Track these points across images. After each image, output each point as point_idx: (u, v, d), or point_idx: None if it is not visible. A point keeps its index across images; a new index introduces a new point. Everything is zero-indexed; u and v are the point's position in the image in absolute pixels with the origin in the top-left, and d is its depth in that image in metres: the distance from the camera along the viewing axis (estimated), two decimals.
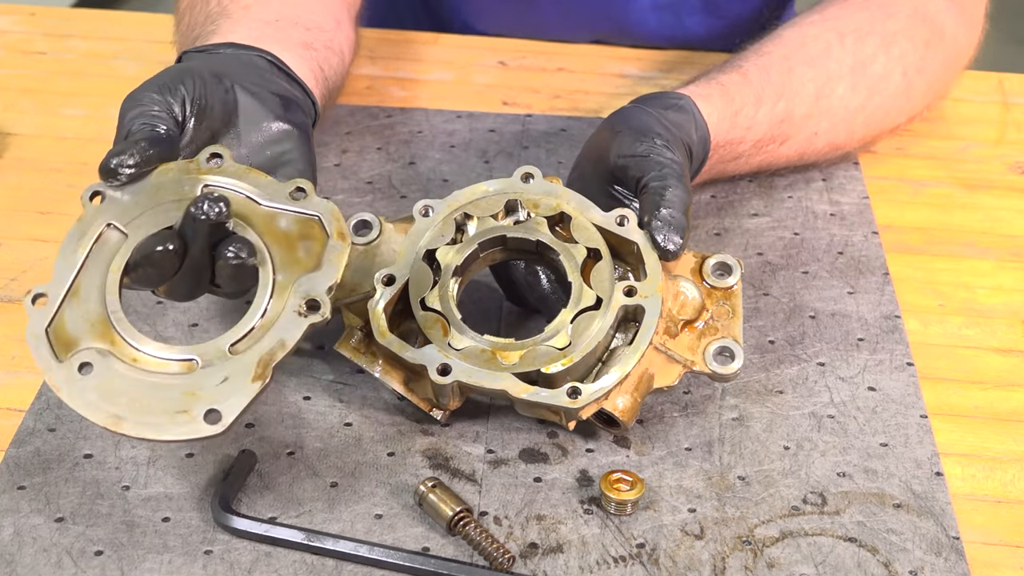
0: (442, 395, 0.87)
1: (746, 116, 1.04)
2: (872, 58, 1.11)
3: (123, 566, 0.81)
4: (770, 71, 1.07)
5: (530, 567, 0.82)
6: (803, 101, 1.08)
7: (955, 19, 1.16)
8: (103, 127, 1.21)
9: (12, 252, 1.05)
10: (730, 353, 0.88)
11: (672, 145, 0.93)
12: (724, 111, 1.02)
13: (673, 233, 0.88)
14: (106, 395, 0.78)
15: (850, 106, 1.11)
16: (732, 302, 0.90)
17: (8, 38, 1.34)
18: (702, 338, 0.89)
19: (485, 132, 1.21)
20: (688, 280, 0.90)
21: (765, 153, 1.09)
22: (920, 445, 0.90)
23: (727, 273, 0.90)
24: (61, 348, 0.80)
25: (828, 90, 1.09)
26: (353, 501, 0.86)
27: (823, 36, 1.11)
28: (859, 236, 1.09)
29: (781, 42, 1.10)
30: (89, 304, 0.81)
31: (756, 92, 1.05)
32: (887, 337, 0.99)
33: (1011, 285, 1.06)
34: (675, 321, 0.89)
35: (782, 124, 1.07)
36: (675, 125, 0.97)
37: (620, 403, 0.87)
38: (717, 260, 0.90)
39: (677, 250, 0.87)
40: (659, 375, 0.88)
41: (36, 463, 0.87)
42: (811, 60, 1.09)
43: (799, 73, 1.08)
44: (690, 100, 1.00)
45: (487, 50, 1.34)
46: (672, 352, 0.88)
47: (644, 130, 0.93)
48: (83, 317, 0.81)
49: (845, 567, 0.82)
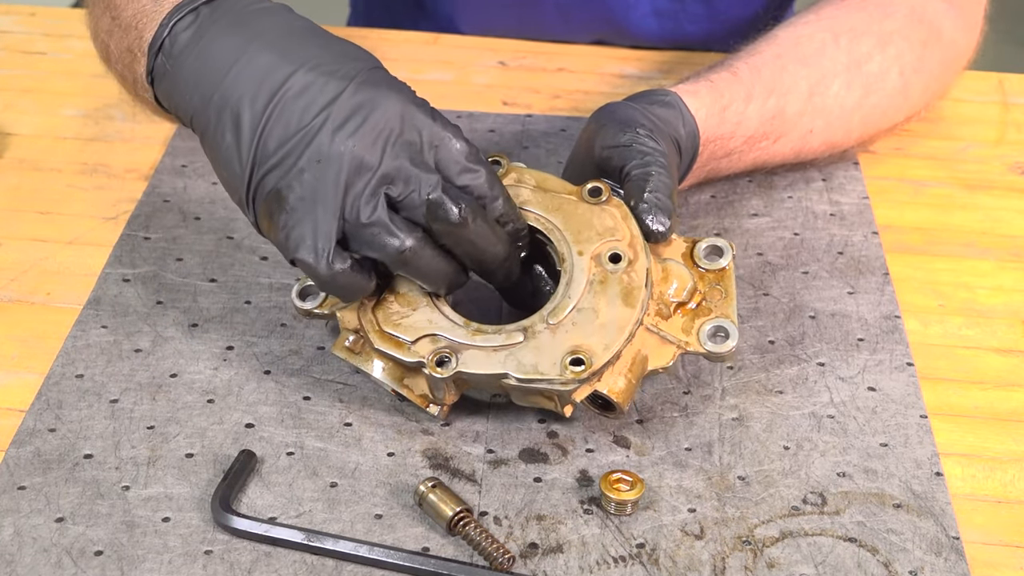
0: (438, 388, 0.87)
1: (735, 111, 1.04)
2: (868, 57, 1.11)
3: (123, 566, 0.81)
4: (761, 69, 1.07)
5: (530, 567, 0.82)
6: (796, 98, 1.08)
7: (953, 20, 1.16)
8: (103, 127, 1.21)
9: (12, 252, 1.05)
10: (724, 333, 0.88)
11: (656, 136, 0.94)
12: (712, 107, 1.03)
13: (660, 214, 0.89)
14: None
15: (846, 104, 1.11)
16: (725, 283, 0.90)
17: (8, 38, 1.34)
18: (696, 319, 0.89)
19: (485, 132, 1.21)
20: (678, 262, 0.90)
21: (759, 151, 1.09)
22: (920, 445, 0.90)
23: (718, 256, 0.91)
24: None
25: (822, 88, 1.09)
26: (353, 501, 0.86)
27: (817, 35, 1.11)
28: (859, 236, 1.09)
29: (774, 41, 1.11)
30: None
31: (746, 88, 1.05)
32: (887, 337, 0.99)
33: (1011, 285, 1.06)
34: (667, 303, 0.89)
35: (774, 120, 1.07)
36: (661, 119, 0.98)
37: (614, 385, 0.86)
38: (708, 243, 0.91)
39: (665, 231, 0.89)
40: (653, 357, 0.88)
41: (36, 463, 0.87)
42: (804, 58, 1.09)
43: (792, 71, 1.08)
44: (676, 96, 1.01)
45: (487, 50, 1.34)
46: (665, 333, 0.88)
47: (627, 122, 0.95)
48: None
49: (845, 567, 0.82)
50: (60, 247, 1.06)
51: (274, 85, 0.85)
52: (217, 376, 0.94)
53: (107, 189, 1.13)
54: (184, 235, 1.07)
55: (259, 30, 0.87)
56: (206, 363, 0.95)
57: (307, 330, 0.98)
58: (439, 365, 0.85)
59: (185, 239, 1.06)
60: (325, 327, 0.98)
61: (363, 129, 0.84)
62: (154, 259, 1.04)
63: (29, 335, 0.97)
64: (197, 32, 0.88)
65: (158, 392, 0.93)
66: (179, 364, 0.95)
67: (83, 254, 1.05)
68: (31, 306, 1.00)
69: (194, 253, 1.05)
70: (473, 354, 0.86)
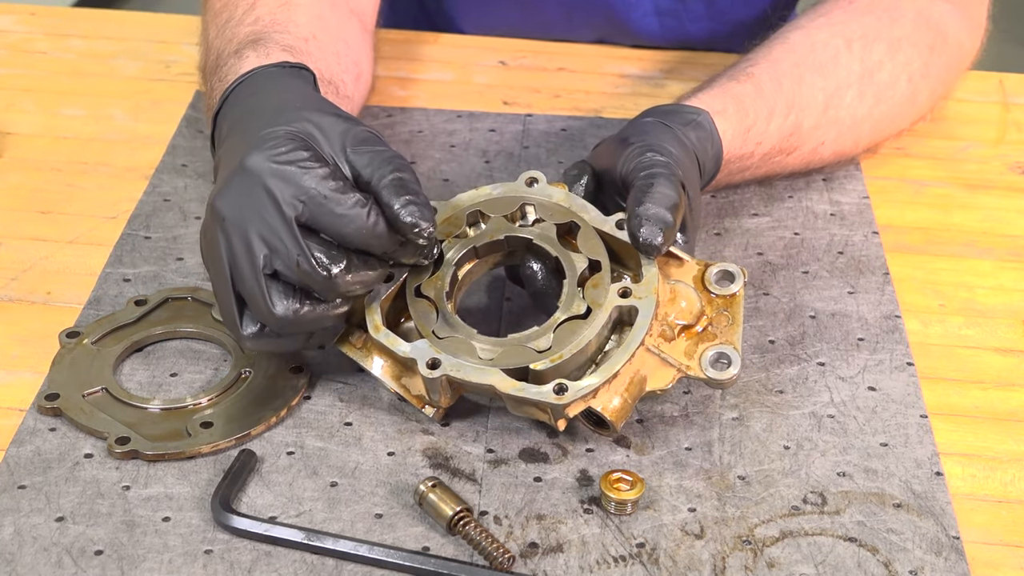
0: (432, 390, 0.87)
1: (757, 131, 1.04)
2: (879, 65, 1.10)
3: (123, 566, 0.81)
4: (782, 81, 1.06)
5: (530, 567, 0.82)
6: (812, 112, 1.08)
7: (958, 21, 1.16)
8: (103, 127, 1.21)
9: (12, 252, 1.05)
10: (727, 360, 0.87)
11: (681, 158, 0.93)
12: (737, 127, 1.02)
13: (651, 226, 0.87)
14: None
15: (857, 115, 1.10)
16: (732, 310, 0.89)
17: (8, 38, 1.34)
18: (699, 344, 0.88)
19: (485, 132, 1.21)
20: (688, 285, 0.90)
21: (771, 164, 1.08)
22: (920, 445, 0.90)
23: (730, 281, 0.90)
24: None
25: (836, 99, 1.09)
26: (353, 501, 0.86)
27: (832, 42, 1.10)
28: (859, 236, 1.09)
29: (790, 47, 1.10)
30: None
31: (769, 105, 1.05)
32: (887, 337, 0.99)
33: (1011, 285, 1.06)
34: (671, 325, 0.88)
35: (791, 136, 1.07)
36: (692, 142, 0.97)
37: (608, 403, 0.86)
38: (720, 268, 0.90)
39: (653, 243, 0.87)
40: (652, 378, 0.88)
41: (36, 463, 0.87)
42: (820, 67, 1.08)
43: (809, 82, 1.07)
44: (708, 116, 1.00)
45: (487, 50, 1.34)
46: (666, 356, 0.87)
47: (655, 148, 0.93)
48: None
49: (845, 567, 0.82)
50: (60, 246, 1.06)
51: (230, 150, 0.89)
52: (217, 376, 0.94)
53: (107, 189, 1.13)
54: (184, 235, 1.07)
55: (249, 110, 0.92)
56: (206, 363, 0.95)
57: None
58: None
59: (185, 239, 1.06)
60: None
61: (225, 194, 0.85)
62: (154, 259, 1.04)
63: (29, 335, 0.97)
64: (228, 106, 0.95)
65: (159, 392, 0.93)
66: (179, 364, 0.95)
67: (83, 254, 1.05)
68: (31, 306, 1.00)
69: (194, 253, 1.05)
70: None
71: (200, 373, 0.94)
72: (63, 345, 0.95)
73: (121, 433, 0.88)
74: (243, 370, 0.93)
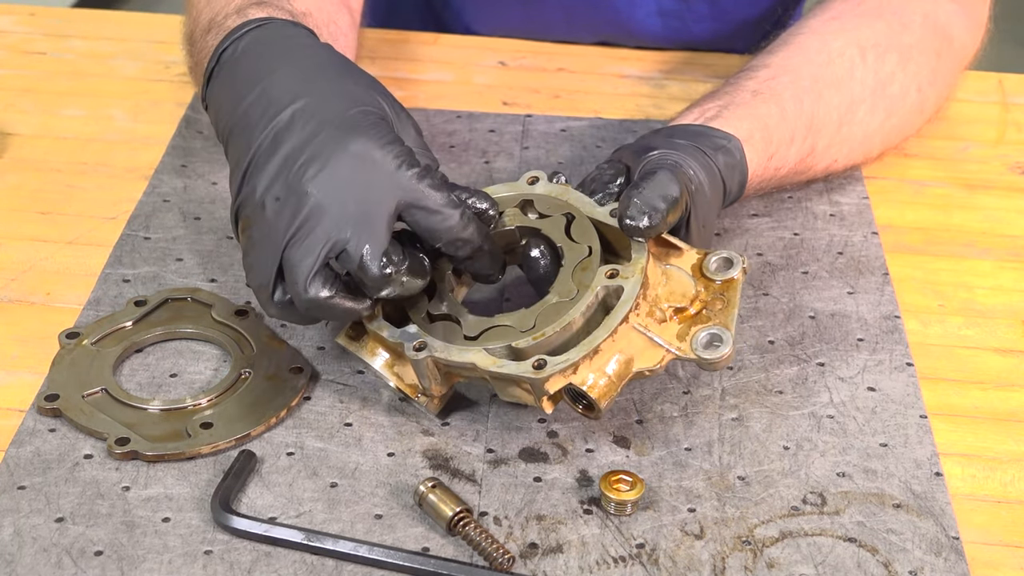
0: (421, 375, 0.87)
1: (779, 158, 1.04)
2: (891, 77, 1.10)
3: (123, 566, 0.81)
4: (803, 99, 1.05)
5: (530, 567, 0.82)
6: (827, 133, 1.07)
7: (962, 23, 1.16)
8: (103, 127, 1.21)
9: (12, 252, 1.05)
10: (719, 340, 0.86)
11: (699, 186, 0.93)
12: (761, 156, 1.02)
13: (638, 208, 0.87)
14: None
15: (869, 129, 1.10)
16: (728, 293, 0.89)
17: (8, 38, 1.34)
18: (692, 326, 0.88)
19: (485, 132, 1.21)
20: (681, 268, 0.90)
21: (783, 183, 1.08)
22: (920, 445, 0.90)
23: (728, 267, 0.90)
24: None
25: (850, 116, 1.08)
26: (353, 501, 0.86)
27: (847, 52, 1.09)
28: (859, 236, 1.09)
29: (808, 57, 1.08)
30: None
31: (791, 129, 1.04)
32: (887, 337, 0.99)
33: (1011, 285, 1.06)
34: (663, 308, 0.88)
35: (807, 158, 1.07)
36: (719, 167, 0.96)
37: (591, 379, 0.85)
38: (719, 256, 0.90)
39: (638, 225, 0.86)
40: (640, 358, 0.87)
41: (36, 463, 0.87)
42: (837, 82, 1.08)
43: (826, 99, 1.07)
44: (738, 143, 0.99)
45: (487, 50, 1.34)
46: (654, 336, 0.87)
47: (674, 157, 0.94)
48: None
49: (845, 567, 0.82)
50: (60, 247, 1.06)
51: (272, 116, 0.88)
52: (217, 376, 0.94)
53: (107, 189, 1.13)
54: (184, 235, 1.07)
55: (286, 57, 0.91)
56: (206, 363, 0.95)
57: (307, 330, 0.98)
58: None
59: (185, 239, 1.06)
60: (325, 327, 0.98)
61: (321, 175, 0.85)
62: (154, 259, 1.04)
63: (29, 335, 0.97)
64: (239, 51, 0.93)
65: (158, 392, 0.93)
66: (179, 364, 0.95)
67: (83, 254, 1.05)
68: (31, 306, 1.00)
69: (194, 253, 1.05)
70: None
71: (200, 374, 0.94)
72: (63, 346, 0.95)
73: (121, 434, 0.88)
74: (243, 371, 0.93)
